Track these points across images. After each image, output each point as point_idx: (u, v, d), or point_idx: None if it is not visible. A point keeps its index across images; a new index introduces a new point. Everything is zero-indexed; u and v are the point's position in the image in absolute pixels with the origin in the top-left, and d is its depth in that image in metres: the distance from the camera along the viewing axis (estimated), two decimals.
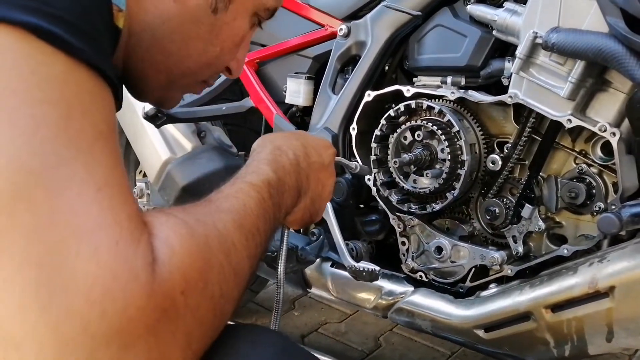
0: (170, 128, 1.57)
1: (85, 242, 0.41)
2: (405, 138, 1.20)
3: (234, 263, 0.51)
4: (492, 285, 1.17)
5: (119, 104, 0.57)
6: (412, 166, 1.19)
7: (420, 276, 1.26)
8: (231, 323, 0.53)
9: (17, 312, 0.40)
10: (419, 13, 1.19)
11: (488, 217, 1.16)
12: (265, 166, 0.65)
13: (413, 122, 1.18)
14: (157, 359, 0.43)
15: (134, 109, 1.60)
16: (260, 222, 0.58)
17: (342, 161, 1.07)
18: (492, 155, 1.15)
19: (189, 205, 0.53)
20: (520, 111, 1.11)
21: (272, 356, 0.53)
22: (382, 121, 1.22)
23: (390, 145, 1.22)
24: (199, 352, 0.48)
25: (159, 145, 1.59)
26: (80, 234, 0.41)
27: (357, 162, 1.09)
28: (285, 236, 0.83)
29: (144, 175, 1.81)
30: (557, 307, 1.02)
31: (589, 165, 1.08)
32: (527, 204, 1.12)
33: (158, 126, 1.51)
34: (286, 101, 1.41)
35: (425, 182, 1.18)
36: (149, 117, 1.48)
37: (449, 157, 1.13)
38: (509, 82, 1.09)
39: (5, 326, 0.40)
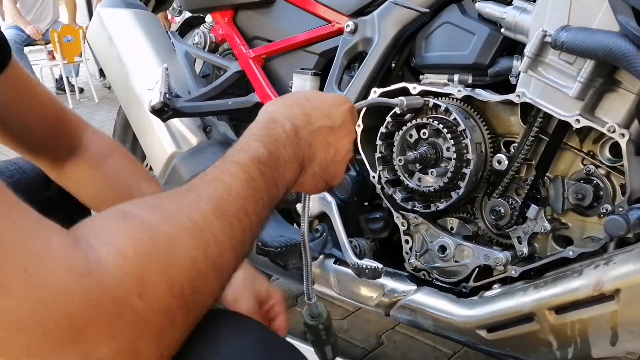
0: (176, 122, 1.58)
1: (9, 268, 0.39)
2: (410, 136, 1.19)
3: (212, 256, 0.49)
4: (495, 286, 1.16)
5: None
6: (417, 164, 1.18)
7: (424, 275, 1.25)
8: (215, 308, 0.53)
9: None
10: (427, 10, 1.18)
11: (493, 217, 1.15)
12: (255, 142, 0.61)
13: (419, 120, 1.17)
14: (125, 357, 0.42)
15: (141, 103, 1.61)
16: (249, 204, 0.55)
17: (382, 101, 1.06)
18: (498, 155, 1.13)
19: (164, 195, 0.51)
20: (528, 110, 1.10)
21: (253, 344, 0.52)
22: (388, 119, 1.21)
23: (396, 143, 1.21)
24: (175, 344, 0.47)
25: (165, 139, 1.59)
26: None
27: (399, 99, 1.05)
28: (307, 202, 0.81)
29: (150, 168, 1.82)
30: (561, 309, 1.01)
31: (597, 167, 1.07)
32: (532, 205, 1.11)
33: (164, 120, 1.51)
34: None
35: (430, 181, 1.17)
36: (155, 111, 1.48)
37: (455, 156, 1.12)
38: (517, 81, 1.08)
39: None
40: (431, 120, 1.14)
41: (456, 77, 1.16)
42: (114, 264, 0.42)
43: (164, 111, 1.47)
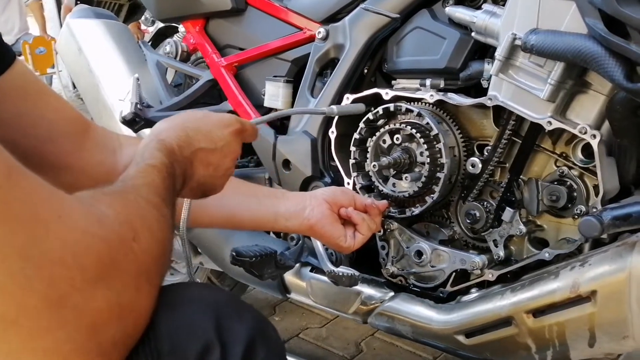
0: (148, 133, 1.55)
1: (49, 214, 0.47)
2: (384, 141, 1.18)
3: (165, 216, 0.61)
4: (473, 290, 1.16)
5: None
6: (391, 169, 1.17)
7: (401, 281, 1.24)
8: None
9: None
10: (397, 15, 1.18)
11: (468, 221, 1.15)
12: (158, 153, 0.71)
13: (392, 126, 1.16)
14: (132, 291, 0.52)
15: (112, 113, 1.58)
16: (168, 195, 0.66)
17: (304, 110, 1.16)
18: (472, 158, 1.13)
19: (110, 186, 0.61)
20: (500, 113, 1.10)
21: (203, 309, 0.59)
22: (361, 124, 1.20)
23: (369, 149, 1.20)
24: (158, 286, 0.57)
25: None
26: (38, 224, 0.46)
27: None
28: (189, 204, 0.92)
29: None
30: (538, 312, 1.01)
31: (570, 168, 1.07)
32: (507, 207, 1.11)
33: (136, 131, 1.48)
34: (265, 105, 1.40)
35: (405, 186, 1.17)
36: (126, 122, 1.45)
37: (428, 161, 1.11)
38: (489, 84, 1.08)
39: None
40: (404, 125, 1.14)
41: (428, 81, 1.16)
42: (112, 215, 0.52)
43: (136, 122, 1.44)
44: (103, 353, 0.48)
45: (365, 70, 1.28)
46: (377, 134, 1.18)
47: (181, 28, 1.68)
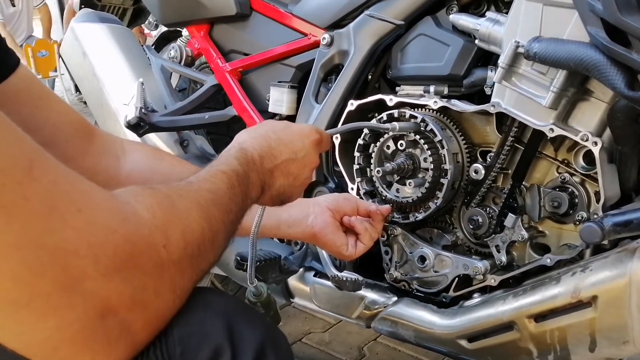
0: (152, 137, 1.56)
1: (67, 207, 0.47)
2: (388, 147, 1.19)
3: (213, 232, 0.60)
4: (475, 295, 1.17)
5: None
6: (395, 175, 1.18)
7: (404, 286, 1.25)
8: None
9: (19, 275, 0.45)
10: (402, 22, 1.19)
11: (471, 227, 1.16)
12: (234, 160, 0.72)
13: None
14: (150, 293, 0.52)
15: (116, 118, 1.59)
16: (232, 204, 0.65)
17: (370, 125, 1.16)
18: (475, 165, 1.14)
19: (174, 183, 0.62)
20: (503, 120, 1.11)
21: (214, 315, 0.59)
22: (365, 130, 1.21)
23: (373, 155, 1.21)
24: (182, 297, 0.57)
25: None
26: (65, 213, 0.47)
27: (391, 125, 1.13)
28: (262, 210, 0.94)
29: None
30: (540, 317, 1.02)
31: (572, 175, 1.08)
32: (510, 213, 1.11)
33: (140, 135, 1.49)
34: (269, 110, 1.41)
35: (408, 192, 1.18)
36: (131, 126, 1.46)
37: (432, 166, 1.12)
38: (492, 91, 1.09)
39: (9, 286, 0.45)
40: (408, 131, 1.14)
41: (432, 88, 1.17)
42: (147, 217, 0.53)
43: (140, 126, 1.46)
44: (109, 337, 0.50)
45: (370, 77, 1.29)
46: (381, 139, 1.19)
47: (184, 32, 1.69)
